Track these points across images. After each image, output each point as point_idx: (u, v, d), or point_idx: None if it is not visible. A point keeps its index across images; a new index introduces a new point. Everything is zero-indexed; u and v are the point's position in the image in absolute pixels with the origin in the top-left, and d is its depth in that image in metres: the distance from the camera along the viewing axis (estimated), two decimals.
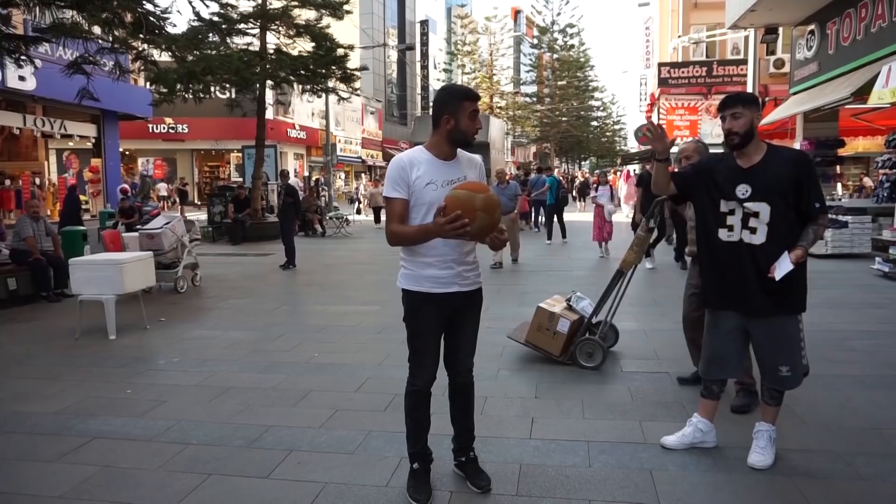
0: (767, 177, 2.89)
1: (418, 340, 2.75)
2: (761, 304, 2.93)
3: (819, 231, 2.91)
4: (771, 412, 3.08)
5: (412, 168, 2.62)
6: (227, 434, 3.56)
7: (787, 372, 2.97)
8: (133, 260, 6.12)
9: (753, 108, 2.93)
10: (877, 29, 10.34)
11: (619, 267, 4.62)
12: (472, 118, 2.65)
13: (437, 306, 2.68)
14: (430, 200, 2.59)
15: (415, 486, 2.80)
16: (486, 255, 9.20)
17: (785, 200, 2.86)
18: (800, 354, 2.98)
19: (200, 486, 2.96)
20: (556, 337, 4.72)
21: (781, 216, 2.87)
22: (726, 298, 3.04)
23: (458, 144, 2.70)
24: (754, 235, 2.91)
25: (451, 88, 2.71)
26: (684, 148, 4.24)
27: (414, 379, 2.79)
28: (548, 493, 2.82)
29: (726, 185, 2.96)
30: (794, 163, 2.90)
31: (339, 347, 5.37)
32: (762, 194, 2.88)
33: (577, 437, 3.40)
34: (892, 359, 4.67)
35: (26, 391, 4.38)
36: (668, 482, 2.89)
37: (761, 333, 2.99)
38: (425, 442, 2.85)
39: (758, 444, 3.05)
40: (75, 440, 3.51)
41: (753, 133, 2.92)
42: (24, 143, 20.96)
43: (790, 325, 2.96)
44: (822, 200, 2.90)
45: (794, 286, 2.89)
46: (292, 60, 14.47)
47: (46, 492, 2.93)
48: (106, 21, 7.58)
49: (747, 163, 2.95)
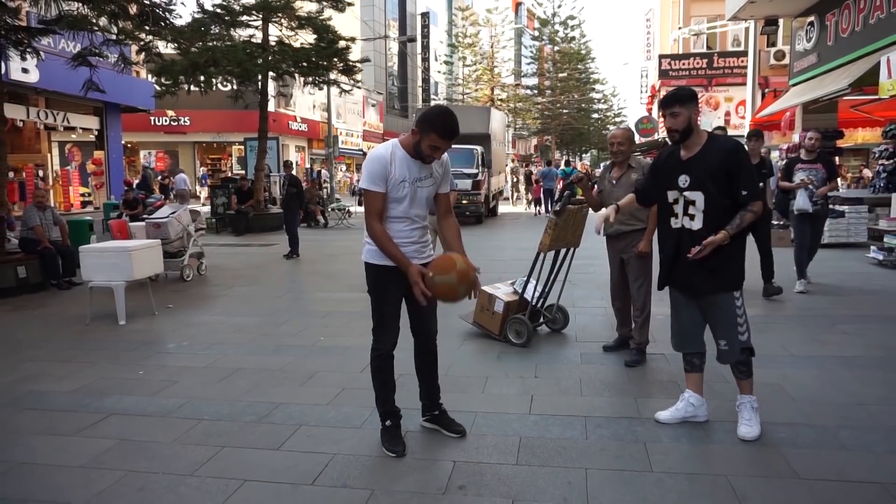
0: (702, 167, 3.11)
1: (385, 307, 3.05)
2: (699, 285, 3.19)
3: (747, 217, 3.07)
4: (745, 384, 3.24)
5: (391, 164, 2.88)
6: (238, 411, 3.70)
7: (724, 346, 3.20)
8: (142, 247, 6.25)
9: (691, 105, 3.13)
10: (875, 20, 10.41)
11: (538, 249, 4.88)
12: (431, 149, 2.87)
13: (398, 276, 2.95)
14: (400, 195, 2.92)
15: (390, 439, 3.11)
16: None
17: (717, 188, 3.07)
18: (736, 331, 3.16)
19: (214, 457, 3.10)
20: (494, 316, 5.04)
21: (714, 204, 3.08)
22: (674, 279, 3.31)
23: (417, 156, 2.93)
24: (693, 222, 3.15)
25: (434, 114, 2.89)
26: (614, 134, 4.44)
27: (379, 344, 3.09)
28: (546, 462, 2.96)
29: (672, 177, 3.21)
30: (726, 152, 3.09)
31: (343, 332, 5.50)
32: (698, 183, 3.11)
33: (575, 413, 3.54)
34: (880, 340, 4.80)
35: (41, 372, 4.52)
36: (662, 452, 3.02)
37: (706, 311, 3.25)
38: (393, 401, 3.18)
39: (743, 417, 3.20)
40: (92, 416, 3.65)
41: (692, 128, 3.15)
42: (26, 136, 21.04)
43: (725, 302, 3.16)
44: (751, 188, 3.06)
45: (725, 267, 3.12)
46: (294, 52, 14.54)
47: (68, 462, 3.07)
48: (112, 13, 7.67)
49: (687, 154, 3.18)
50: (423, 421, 3.35)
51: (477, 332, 5.25)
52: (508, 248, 11.53)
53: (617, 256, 4.52)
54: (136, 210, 12.31)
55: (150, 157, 29.56)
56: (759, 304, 6.12)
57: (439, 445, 3.16)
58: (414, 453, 3.08)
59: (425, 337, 3.21)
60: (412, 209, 2.97)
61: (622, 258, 4.47)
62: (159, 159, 29.76)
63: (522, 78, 48.55)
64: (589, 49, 47.49)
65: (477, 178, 15.78)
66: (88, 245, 6.54)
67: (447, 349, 4.84)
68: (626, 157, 4.39)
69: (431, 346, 3.24)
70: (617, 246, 4.48)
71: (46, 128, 18.70)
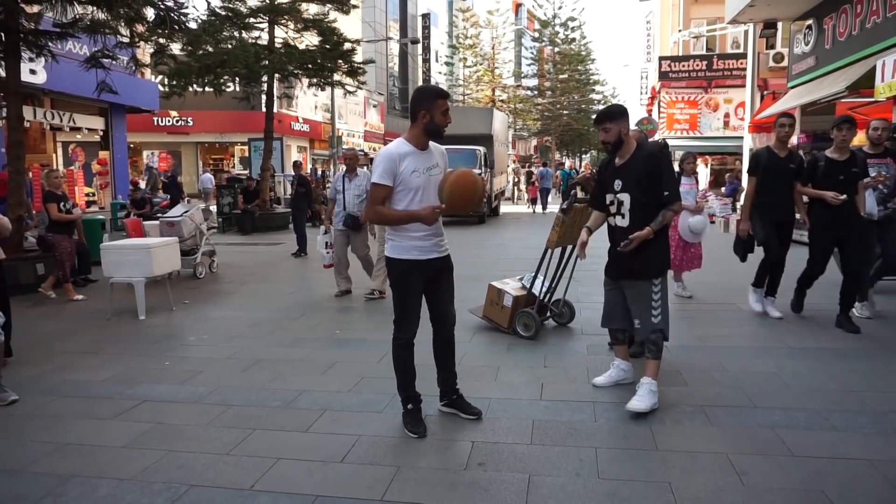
0: (630, 172, 3.59)
1: (408, 299, 3.28)
2: (624, 273, 3.68)
3: (668, 214, 3.52)
4: (651, 366, 3.61)
5: (401, 161, 3.15)
6: (264, 397, 3.91)
7: (638, 325, 3.64)
8: (161, 244, 6.46)
9: (620, 120, 3.59)
10: (871, 24, 10.65)
11: (546, 246, 5.11)
12: (444, 114, 3.19)
13: (421, 270, 3.24)
14: (416, 185, 3.16)
15: (411, 421, 3.35)
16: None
17: (640, 190, 3.53)
18: (650, 312, 3.57)
19: (246, 438, 3.32)
20: (503, 310, 5.26)
21: (638, 204, 3.55)
22: (608, 268, 3.84)
23: (432, 136, 3.23)
24: (623, 220, 3.64)
25: (426, 88, 3.28)
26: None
27: (401, 333, 3.32)
28: (559, 442, 3.18)
29: (608, 182, 3.70)
30: (649, 157, 3.58)
31: (358, 325, 5.72)
32: (626, 186, 3.59)
33: (584, 399, 3.76)
34: (872, 332, 5.03)
35: (71, 363, 4.73)
36: (665, 433, 3.24)
37: (627, 294, 3.71)
38: (414, 387, 3.41)
39: (638, 393, 3.55)
40: (126, 402, 3.86)
41: (623, 140, 3.61)
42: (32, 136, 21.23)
43: (644, 288, 3.59)
44: (671, 189, 3.53)
45: (645, 257, 3.55)
46: (300, 54, 14.75)
47: (111, 443, 3.28)
48: (127, 17, 7.88)
49: (620, 161, 3.67)
50: (441, 406, 3.57)
51: (487, 326, 5.46)
52: (511, 246, 11.74)
53: None
54: (143, 209, 12.52)
55: (153, 157, 29.75)
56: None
57: (458, 427, 3.38)
58: (435, 434, 3.30)
59: (444, 325, 3.41)
60: (427, 198, 3.19)
61: None
62: (162, 159, 29.94)
63: (523, 79, 48.76)
64: (589, 50, 47.71)
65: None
66: (110, 243, 6.75)
67: (458, 341, 5.00)
68: None
69: (449, 333, 3.45)
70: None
71: (52, 128, 18.92)
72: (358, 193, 6.86)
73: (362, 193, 6.80)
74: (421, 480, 2.82)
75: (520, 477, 2.83)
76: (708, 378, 4.07)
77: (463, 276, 8.57)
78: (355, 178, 6.91)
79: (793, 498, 2.61)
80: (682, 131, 22.94)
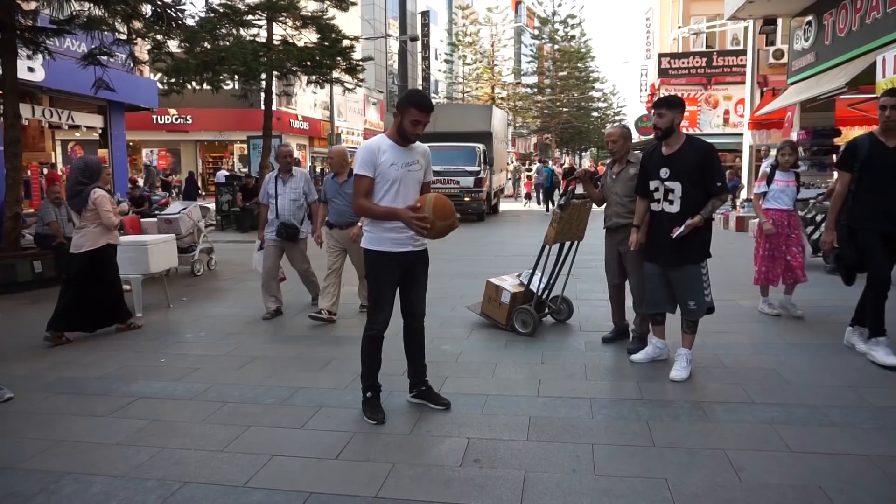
0: (681, 162, 3.84)
1: (381, 290, 3.35)
2: (673, 258, 3.91)
3: (716, 203, 3.85)
4: (688, 339, 4.03)
5: (380, 152, 3.24)
6: (260, 394, 3.89)
7: (693, 306, 3.93)
8: (158, 241, 6.44)
9: (676, 110, 3.86)
10: (871, 20, 10.60)
11: (544, 242, 5.08)
12: (413, 123, 3.22)
13: (395, 262, 3.32)
14: (393, 178, 3.24)
15: (371, 409, 3.44)
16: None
17: (691, 180, 3.81)
18: (703, 293, 3.92)
19: (242, 434, 3.30)
20: (501, 307, 5.24)
21: (689, 192, 3.82)
22: (653, 254, 4.06)
23: (402, 139, 3.28)
24: (672, 206, 3.89)
25: (409, 93, 3.33)
26: (610, 132, 4.66)
27: (373, 324, 3.38)
28: (555, 438, 3.16)
29: (654, 169, 3.95)
30: (701, 152, 3.84)
31: (354, 323, 5.69)
32: (676, 175, 3.84)
33: (581, 395, 3.74)
34: None
35: (67, 360, 4.71)
36: (663, 429, 3.22)
37: (675, 278, 3.97)
38: (377, 377, 3.50)
39: (679, 363, 3.97)
40: (122, 399, 3.85)
41: (674, 128, 3.87)
42: (31, 134, 21.19)
43: (695, 271, 3.90)
44: (722, 181, 3.85)
45: (695, 243, 3.85)
46: (299, 52, 14.71)
47: (106, 440, 3.26)
48: (125, 14, 7.85)
49: (668, 151, 3.91)
50: (410, 397, 3.65)
51: (485, 323, 5.44)
52: (510, 244, 11.73)
53: (614, 248, 4.69)
54: (142, 207, 12.50)
55: (151, 155, 29.73)
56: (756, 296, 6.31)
57: (454, 424, 3.36)
58: (430, 431, 3.28)
59: (415, 318, 3.51)
60: (405, 191, 3.27)
61: (619, 250, 4.64)
62: (161, 157, 29.93)
63: (522, 76, 48.69)
64: (589, 48, 47.62)
65: (479, 176, 15.95)
66: None
67: (456, 338, 5.07)
68: (623, 153, 4.58)
69: (418, 325, 3.53)
70: (615, 238, 4.66)
71: (51, 126, 18.88)
72: (295, 198, 5.95)
73: (300, 198, 5.98)
74: (416, 477, 2.80)
75: (515, 473, 2.81)
76: (706, 374, 4.05)
77: (462, 273, 8.58)
78: (291, 180, 5.99)
79: (790, 494, 2.59)
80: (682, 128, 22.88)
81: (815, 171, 13.71)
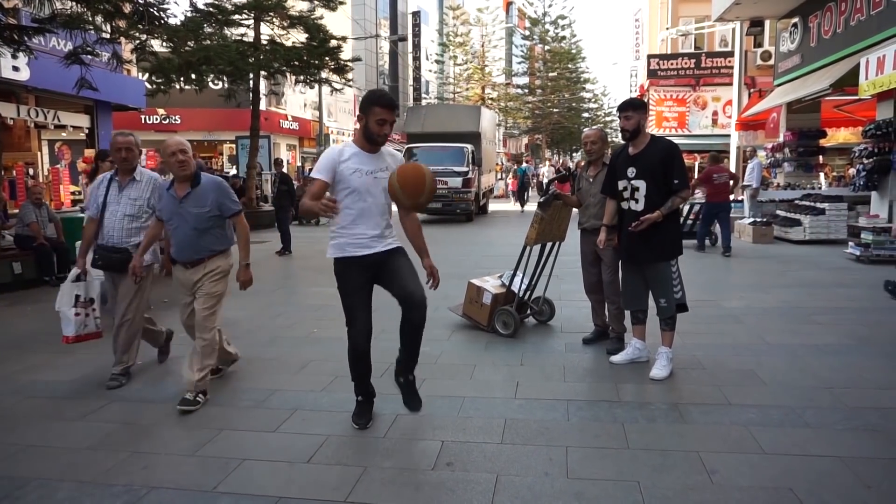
0: (645, 161, 3.97)
1: (348, 298, 3.22)
2: (641, 255, 4.03)
3: (676, 200, 3.93)
4: (668, 337, 4.07)
5: (341, 158, 3.11)
6: (236, 397, 3.85)
7: (664, 303, 4.02)
8: None
9: (641, 111, 4.03)
10: (855, 22, 10.68)
11: (524, 243, 5.07)
12: (378, 123, 3.07)
13: (360, 267, 3.17)
14: (355, 185, 3.10)
15: (358, 413, 3.38)
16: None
17: (654, 178, 3.92)
18: (672, 291, 4.01)
19: (213, 439, 3.26)
20: (483, 308, 5.22)
21: (654, 190, 3.93)
22: (625, 251, 4.16)
23: (368, 142, 3.14)
24: (637, 204, 4.00)
25: (369, 93, 3.17)
26: (587, 134, 4.67)
27: (351, 339, 3.21)
28: (529, 441, 3.14)
29: (622, 169, 4.07)
30: (664, 150, 3.97)
31: (335, 324, 5.61)
32: (641, 174, 3.96)
33: (558, 397, 3.72)
34: (851, 330, 5.02)
35: (42, 363, 4.65)
36: (638, 431, 3.21)
37: (648, 275, 4.06)
38: (367, 384, 3.40)
39: (659, 362, 4.01)
40: (95, 403, 3.79)
41: (640, 129, 4.02)
42: (16, 134, 20.99)
43: (663, 268, 4.00)
44: (682, 178, 3.92)
45: (662, 241, 3.95)
46: (286, 51, 14.65)
47: (76, 444, 3.22)
48: (106, 12, 7.77)
49: (635, 151, 4.05)
50: (395, 382, 3.40)
51: (466, 324, 5.42)
52: (498, 244, 11.70)
53: (591, 250, 4.65)
54: None
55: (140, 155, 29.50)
56: (738, 297, 6.33)
57: (428, 427, 3.33)
58: (405, 434, 3.26)
59: (414, 305, 3.12)
60: (374, 198, 3.14)
61: (596, 251, 4.62)
62: (150, 157, 29.71)
63: (513, 77, 48.73)
64: (579, 49, 47.75)
65: (467, 177, 15.93)
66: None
67: (437, 339, 5.04)
68: (599, 155, 4.59)
69: (418, 319, 3.16)
70: (591, 240, 4.61)
71: (37, 126, 18.68)
72: (132, 213, 4.11)
73: (141, 213, 4.14)
74: (387, 481, 2.78)
75: (487, 477, 2.79)
76: (684, 376, 4.05)
77: (448, 274, 8.47)
78: (132, 186, 4.18)
79: (761, 496, 2.58)
80: (671, 129, 22.98)
81: (801, 172, 13.82)
